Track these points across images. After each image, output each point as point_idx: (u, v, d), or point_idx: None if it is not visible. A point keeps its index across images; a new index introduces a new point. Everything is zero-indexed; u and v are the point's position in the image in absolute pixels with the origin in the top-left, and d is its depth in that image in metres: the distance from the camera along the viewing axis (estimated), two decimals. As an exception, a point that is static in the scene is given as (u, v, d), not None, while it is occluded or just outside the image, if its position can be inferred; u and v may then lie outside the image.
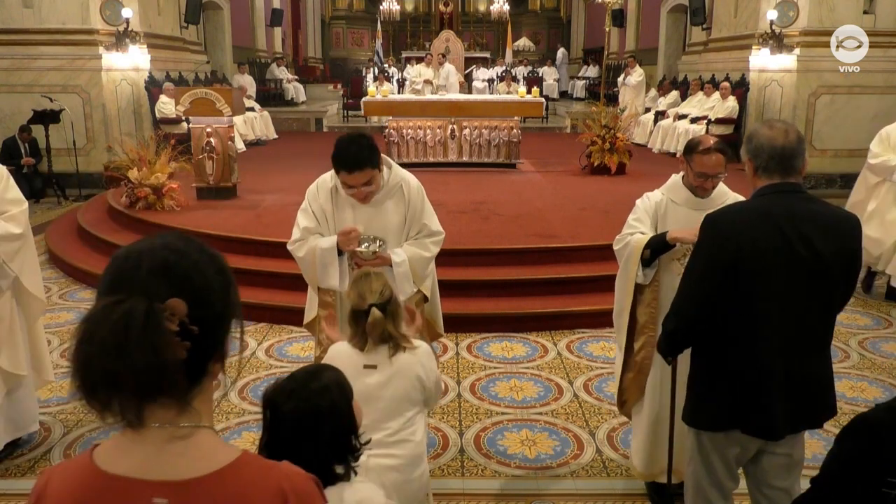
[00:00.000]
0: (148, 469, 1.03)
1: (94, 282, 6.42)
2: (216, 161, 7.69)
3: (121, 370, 0.97)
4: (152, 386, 0.99)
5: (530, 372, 4.75)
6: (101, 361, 0.97)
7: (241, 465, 1.07)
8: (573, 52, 24.51)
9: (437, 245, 3.27)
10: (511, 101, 10.71)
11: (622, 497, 3.41)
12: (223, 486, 1.04)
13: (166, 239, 1.09)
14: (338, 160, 2.95)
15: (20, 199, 3.49)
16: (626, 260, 3.11)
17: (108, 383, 0.98)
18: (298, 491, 1.08)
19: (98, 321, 0.98)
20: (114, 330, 0.97)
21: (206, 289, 1.06)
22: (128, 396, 0.99)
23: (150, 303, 0.98)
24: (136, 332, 0.96)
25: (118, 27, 10.53)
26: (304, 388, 1.76)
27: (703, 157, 2.95)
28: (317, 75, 22.97)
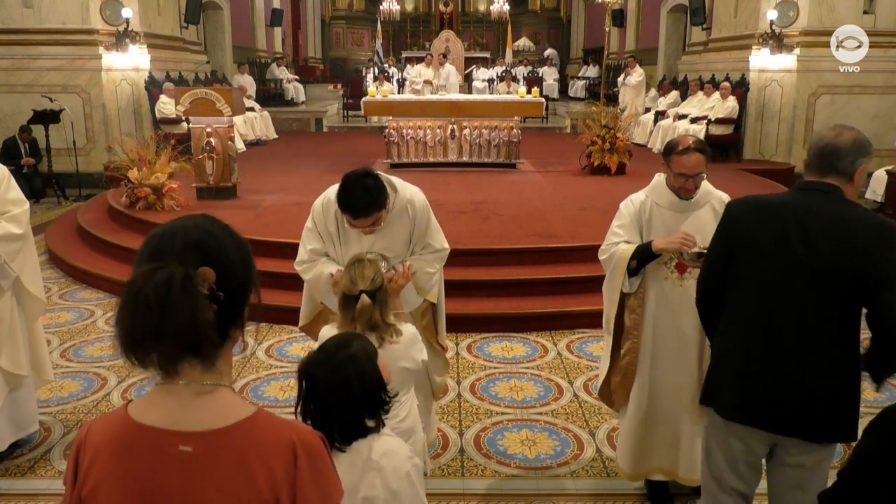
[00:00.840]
0: (175, 420, 1.19)
1: (94, 281, 6.42)
2: (216, 161, 7.69)
3: (163, 325, 1.13)
4: (189, 342, 1.16)
5: (530, 372, 4.75)
6: (146, 317, 1.13)
7: (257, 420, 1.23)
8: (573, 52, 24.53)
9: (440, 261, 3.26)
10: (511, 101, 10.71)
11: (622, 497, 3.41)
12: (241, 437, 1.19)
13: (197, 220, 1.28)
14: (344, 205, 2.82)
15: (21, 199, 3.49)
16: (612, 270, 3.10)
17: (151, 337, 1.14)
18: (306, 444, 1.23)
19: (143, 283, 1.14)
20: (157, 290, 1.13)
21: (230, 262, 1.24)
22: (167, 350, 1.16)
23: (187, 269, 1.16)
24: (176, 293, 1.13)
25: (118, 27, 10.54)
26: (332, 358, 1.97)
27: (682, 158, 2.91)
28: (317, 75, 22.97)
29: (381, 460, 1.95)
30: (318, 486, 1.23)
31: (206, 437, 1.19)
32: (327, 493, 1.25)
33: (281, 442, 1.21)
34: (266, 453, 1.20)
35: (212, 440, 1.19)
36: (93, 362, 4.88)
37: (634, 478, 3.33)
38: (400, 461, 1.97)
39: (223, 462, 1.19)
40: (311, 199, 3.24)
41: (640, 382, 3.17)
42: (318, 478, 1.24)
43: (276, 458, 1.20)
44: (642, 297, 3.09)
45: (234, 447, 1.19)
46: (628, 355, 3.16)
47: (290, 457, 1.21)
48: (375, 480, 1.93)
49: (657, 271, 3.06)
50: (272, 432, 1.22)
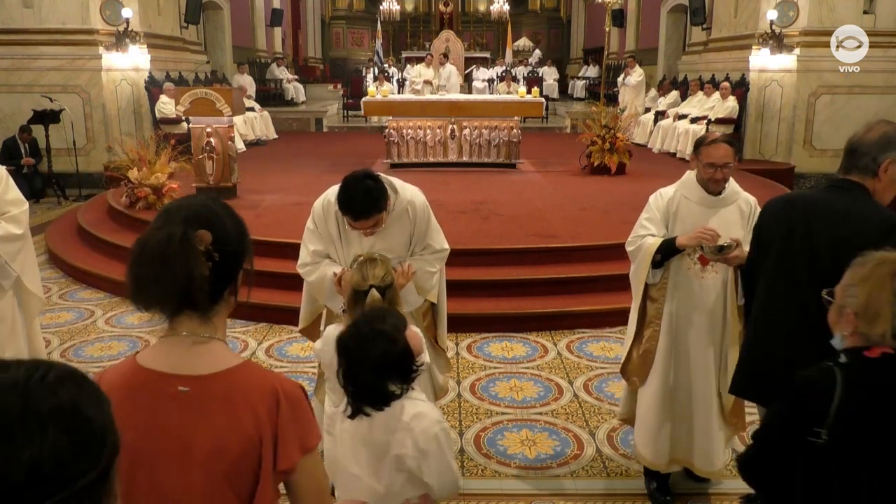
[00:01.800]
0: (175, 365, 1.39)
1: (94, 281, 6.43)
2: (216, 161, 7.69)
3: (163, 274, 1.33)
4: (185, 291, 1.35)
5: (530, 372, 4.75)
6: (149, 267, 1.34)
7: (245, 368, 1.43)
8: (573, 52, 24.52)
9: (440, 261, 3.27)
10: (511, 101, 10.71)
11: (622, 497, 3.41)
12: (230, 381, 1.39)
13: (200, 198, 1.51)
14: (345, 207, 2.82)
15: (20, 199, 3.49)
16: (639, 263, 3.20)
17: (153, 284, 1.35)
18: (288, 392, 1.41)
19: (148, 238, 1.37)
20: (159, 244, 1.34)
21: (225, 231, 1.42)
22: (167, 298, 1.37)
23: (186, 229, 1.36)
24: (175, 246, 1.34)
25: (118, 27, 10.54)
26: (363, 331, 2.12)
27: (711, 148, 3.04)
28: (317, 75, 22.97)
29: (411, 422, 2.09)
30: (297, 428, 1.40)
31: (201, 381, 1.37)
32: (305, 435, 1.41)
33: (265, 388, 1.39)
34: (252, 397, 1.38)
35: (206, 383, 1.38)
36: (93, 362, 4.89)
37: (657, 466, 3.33)
38: (429, 423, 2.11)
39: (215, 402, 1.37)
40: (311, 200, 3.23)
41: (658, 371, 3.24)
42: (298, 421, 1.40)
43: (261, 402, 1.38)
44: (664, 288, 3.19)
45: (224, 390, 1.38)
46: (649, 342, 3.26)
47: (272, 401, 1.38)
48: (406, 440, 2.09)
49: (680, 263, 3.15)
50: (258, 379, 1.41)
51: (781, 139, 11.22)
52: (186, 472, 1.35)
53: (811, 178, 11.07)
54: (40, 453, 0.65)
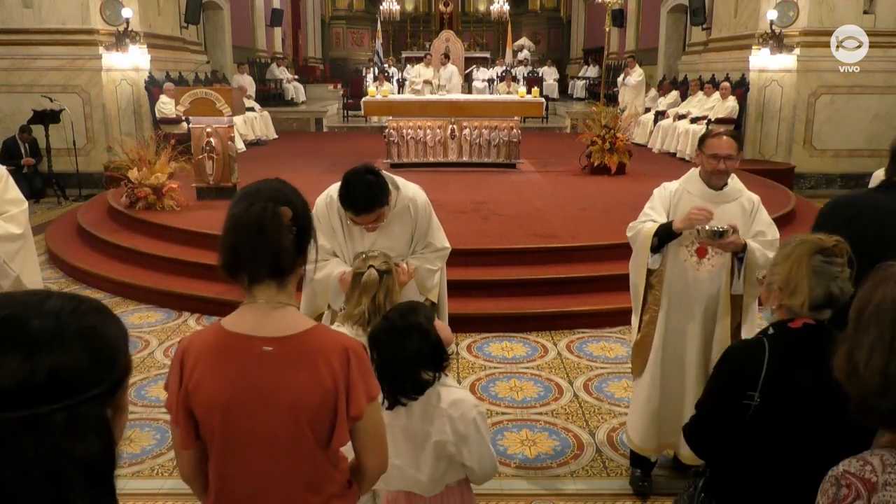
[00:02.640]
0: (258, 328, 1.58)
1: (94, 282, 6.42)
2: (216, 161, 7.69)
3: (259, 244, 1.54)
4: (274, 260, 1.57)
5: (530, 372, 4.75)
6: (246, 238, 1.55)
7: (318, 330, 1.66)
8: (573, 52, 24.51)
9: (441, 260, 3.29)
10: (511, 101, 10.70)
11: (622, 497, 3.41)
12: (307, 341, 1.60)
13: (273, 181, 1.69)
14: (347, 202, 2.83)
15: (20, 198, 3.48)
16: (638, 246, 3.24)
17: (248, 254, 1.55)
18: (355, 349, 1.63)
19: (243, 213, 1.56)
20: (256, 217, 1.55)
21: (297, 209, 1.63)
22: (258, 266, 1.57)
23: (275, 205, 1.57)
24: (269, 220, 1.55)
25: (118, 27, 10.53)
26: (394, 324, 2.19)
27: (714, 140, 3.10)
28: (317, 75, 22.97)
29: (449, 408, 2.16)
30: (364, 380, 1.62)
31: (283, 341, 1.58)
32: (369, 386, 1.64)
33: (337, 346, 1.61)
34: (327, 354, 1.59)
35: (287, 343, 1.58)
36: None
37: (644, 451, 3.37)
38: (467, 408, 2.18)
39: (295, 359, 1.58)
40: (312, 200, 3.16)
41: (653, 357, 3.30)
42: (364, 374, 1.63)
43: (335, 358, 1.59)
44: (661, 276, 3.23)
45: (303, 348, 1.59)
46: (646, 327, 3.31)
47: (344, 358, 1.60)
48: (445, 426, 2.14)
49: (678, 253, 3.19)
50: (330, 339, 1.64)
51: (781, 139, 11.22)
52: (273, 419, 1.55)
53: (811, 178, 11.08)
54: (61, 363, 0.79)
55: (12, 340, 0.77)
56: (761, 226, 3.12)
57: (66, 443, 0.77)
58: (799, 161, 11.09)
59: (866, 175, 10.11)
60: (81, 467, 0.78)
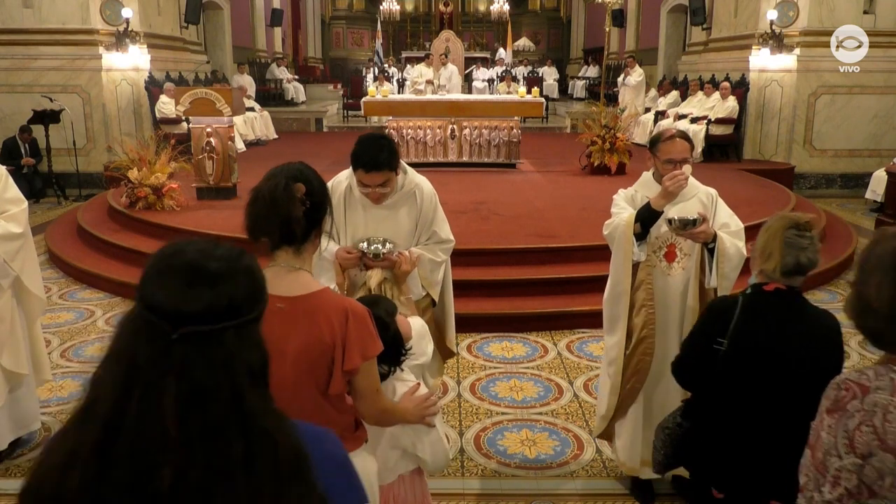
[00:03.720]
0: (274, 288, 1.69)
1: (94, 282, 6.42)
2: (216, 161, 7.69)
3: (272, 212, 1.83)
4: (287, 228, 1.84)
5: (530, 372, 4.75)
6: (262, 208, 1.85)
7: (325, 292, 1.89)
8: (573, 52, 24.51)
9: (446, 252, 3.26)
10: (511, 101, 10.71)
11: (622, 497, 3.41)
12: (314, 301, 1.85)
13: (295, 163, 1.98)
14: (357, 158, 2.90)
15: (20, 198, 3.49)
16: (619, 239, 3.11)
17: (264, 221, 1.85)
18: (355, 310, 1.85)
19: (261, 187, 1.88)
20: (270, 190, 1.84)
21: (313, 186, 1.91)
22: (274, 233, 1.85)
23: (287, 181, 1.86)
24: (280, 192, 1.83)
25: (118, 27, 10.54)
26: None
27: (668, 144, 3.02)
28: (317, 75, 22.96)
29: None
30: (360, 339, 1.83)
31: (293, 300, 1.83)
32: (366, 346, 1.84)
33: (338, 307, 1.85)
34: (328, 313, 1.82)
35: (296, 302, 1.83)
36: (93, 362, 4.85)
37: (631, 470, 3.32)
38: None
39: (302, 316, 1.82)
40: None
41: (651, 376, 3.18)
42: (361, 334, 1.83)
43: (335, 317, 1.82)
44: (651, 292, 3.10)
45: (309, 307, 1.83)
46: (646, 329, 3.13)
47: (343, 317, 1.82)
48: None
49: (647, 259, 3.11)
50: (333, 301, 1.87)
51: (781, 139, 11.22)
52: (281, 367, 1.74)
53: (811, 178, 11.08)
54: (234, 293, 1.05)
55: (199, 277, 1.03)
56: (724, 218, 3.06)
57: (237, 350, 1.03)
58: (799, 161, 11.09)
59: (866, 175, 10.17)
60: (248, 370, 1.03)
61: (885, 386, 1.51)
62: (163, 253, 1.08)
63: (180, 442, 0.96)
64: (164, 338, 0.99)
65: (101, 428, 0.97)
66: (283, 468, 1.03)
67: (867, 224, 9.07)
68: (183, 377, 0.98)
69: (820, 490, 1.57)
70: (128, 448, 0.96)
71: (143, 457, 0.95)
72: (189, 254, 1.06)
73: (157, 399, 0.96)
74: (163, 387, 0.97)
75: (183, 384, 0.97)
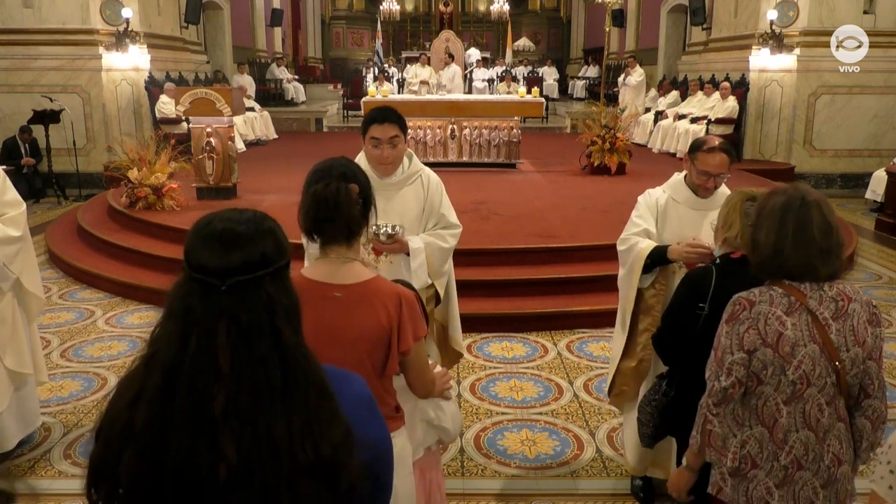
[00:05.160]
0: (331, 277, 1.97)
1: (94, 282, 6.42)
2: (216, 161, 7.69)
3: (336, 215, 1.94)
4: (349, 227, 1.97)
5: (530, 372, 4.75)
6: (325, 210, 1.94)
7: (377, 280, 2.02)
8: (573, 52, 24.51)
9: (454, 238, 3.28)
10: (511, 101, 10.71)
11: (622, 497, 3.41)
12: (369, 288, 1.98)
13: (339, 160, 2.13)
14: (370, 115, 3.07)
15: (18, 200, 3.48)
16: (630, 266, 3.13)
17: (327, 223, 1.95)
18: (406, 296, 2.01)
19: (322, 190, 1.94)
20: (333, 194, 1.93)
21: (362, 185, 2.04)
22: (334, 233, 1.97)
23: (347, 184, 1.97)
24: (343, 195, 1.94)
25: (118, 27, 10.54)
26: None
27: (708, 156, 2.96)
28: (317, 75, 22.96)
29: None
30: (413, 322, 2.00)
31: (349, 288, 1.96)
32: (417, 328, 2.01)
33: (392, 293, 1.99)
34: (384, 299, 1.97)
35: (353, 289, 1.96)
36: (92, 362, 4.88)
37: (638, 472, 3.33)
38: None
39: (359, 303, 1.96)
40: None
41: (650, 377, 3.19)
42: (413, 317, 2.00)
43: (390, 302, 1.96)
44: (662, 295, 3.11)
45: (365, 294, 1.97)
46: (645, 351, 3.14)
47: (397, 302, 1.97)
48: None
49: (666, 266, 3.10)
50: (387, 287, 2.01)
51: (781, 139, 11.23)
52: (338, 350, 1.89)
53: (811, 178, 11.07)
54: (263, 249, 1.26)
55: (234, 240, 1.25)
56: None
57: (274, 292, 1.24)
58: (799, 161, 11.09)
59: (866, 175, 10.17)
60: (283, 309, 1.24)
61: (766, 300, 1.98)
62: (197, 227, 1.30)
63: (231, 373, 1.16)
64: (215, 290, 1.20)
65: (162, 373, 1.17)
66: (312, 391, 1.23)
67: (867, 224, 9.07)
68: (232, 320, 1.18)
69: (719, 380, 2.02)
70: (187, 385, 1.16)
71: (200, 390, 1.15)
72: (220, 223, 1.28)
73: (212, 341, 1.17)
74: (216, 330, 1.17)
75: (233, 326, 1.18)
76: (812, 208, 1.98)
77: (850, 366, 1.97)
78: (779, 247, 1.98)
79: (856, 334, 1.97)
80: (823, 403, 1.97)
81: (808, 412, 1.97)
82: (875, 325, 2.02)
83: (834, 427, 2.00)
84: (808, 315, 1.95)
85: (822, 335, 1.94)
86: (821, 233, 1.96)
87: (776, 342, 1.95)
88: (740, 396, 2.02)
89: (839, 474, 2.01)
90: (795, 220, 1.97)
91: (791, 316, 1.95)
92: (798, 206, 1.98)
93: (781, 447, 1.99)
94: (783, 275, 2.01)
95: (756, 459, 2.02)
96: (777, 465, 2.00)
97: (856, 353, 1.97)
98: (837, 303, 1.98)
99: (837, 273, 2.02)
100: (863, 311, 2.00)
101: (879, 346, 2.03)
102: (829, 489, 2.01)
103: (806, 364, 1.94)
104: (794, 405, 1.98)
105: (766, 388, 1.99)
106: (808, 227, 1.96)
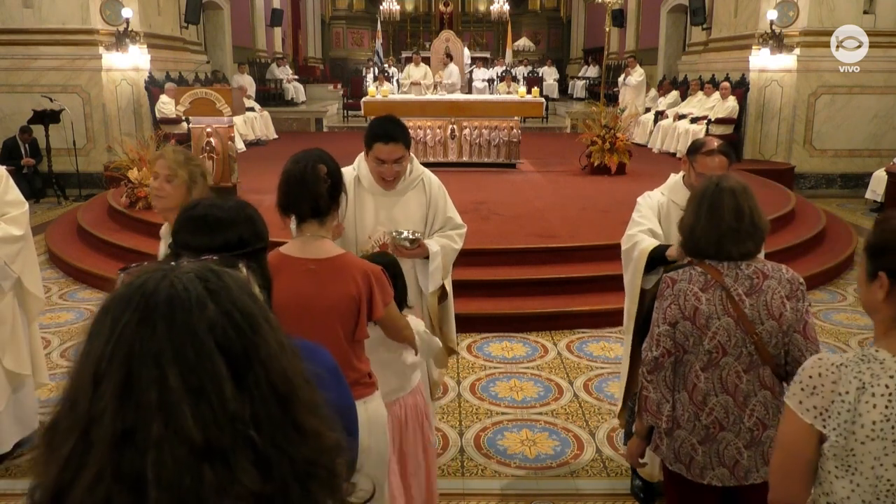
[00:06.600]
0: (304, 252, 2.21)
1: (94, 282, 6.42)
2: (216, 161, 7.68)
3: (302, 192, 2.20)
4: (314, 204, 2.20)
5: (530, 372, 4.75)
6: (292, 187, 2.22)
7: (346, 256, 2.27)
8: (573, 52, 24.51)
9: (461, 238, 3.31)
10: (511, 101, 10.71)
11: (622, 497, 3.41)
12: (338, 262, 2.22)
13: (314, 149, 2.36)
14: (375, 131, 3.02)
15: (20, 200, 3.49)
16: (634, 266, 3.13)
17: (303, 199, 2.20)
18: (374, 272, 2.23)
19: (290, 169, 2.23)
20: (298, 172, 2.21)
21: (330, 167, 2.27)
22: (303, 209, 2.22)
23: (314, 163, 2.23)
24: (308, 174, 2.21)
25: (118, 27, 10.53)
26: None
27: (707, 159, 2.94)
28: (317, 75, 22.95)
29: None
30: (381, 291, 2.22)
31: (322, 262, 2.20)
32: (385, 296, 2.23)
33: (360, 267, 2.23)
34: (354, 272, 2.19)
35: (325, 263, 2.20)
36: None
37: (650, 475, 3.31)
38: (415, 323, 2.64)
39: (331, 275, 2.18)
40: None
41: None
42: (380, 287, 2.22)
43: (359, 275, 2.19)
44: None
45: (336, 267, 2.20)
46: None
47: (365, 275, 2.19)
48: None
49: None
50: (355, 262, 2.27)
51: (781, 139, 11.22)
52: (313, 317, 2.13)
53: (811, 178, 11.08)
54: (240, 233, 1.53)
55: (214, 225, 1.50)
56: None
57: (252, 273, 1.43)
58: (799, 161, 11.08)
59: (866, 175, 10.18)
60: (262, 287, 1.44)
61: (686, 278, 2.20)
62: (184, 211, 1.54)
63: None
64: None
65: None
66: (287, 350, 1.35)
67: (867, 224, 9.07)
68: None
69: (651, 350, 2.25)
70: None
71: None
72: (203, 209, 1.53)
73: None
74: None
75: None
76: (725, 193, 2.18)
77: (767, 337, 2.15)
78: (693, 227, 2.21)
79: (769, 308, 2.14)
80: (741, 371, 2.18)
81: (726, 378, 2.18)
82: (797, 301, 2.17)
83: (758, 393, 2.19)
84: (722, 291, 2.15)
85: (737, 309, 2.13)
86: (731, 215, 2.15)
87: (693, 315, 2.16)
88: (671, 364, 2.24)
89: (764, 437, 2.19)
90: (708, 203, 2.19)
91: (706, 292, 2.16)
92: (712, 191, 2.20)
93: (701, 409, 2.21)
94: (701, 254, 2.22)
95: (679, 420, 2.25)
96: (699, 425, 2.22)
97: (771, 326, 2.14)
98: (753, 280, 2.16)
99: (751, 254, 2.20)
100: (780, 287, 2.16)
101: (804, 319, 2.17)
102: (754, 450, 2.20)
103: (721, 335, 2.15)
104: (710, 371, 2.19)
105: (690, 356, 2.21)
106: (718, 210, 2.16)
